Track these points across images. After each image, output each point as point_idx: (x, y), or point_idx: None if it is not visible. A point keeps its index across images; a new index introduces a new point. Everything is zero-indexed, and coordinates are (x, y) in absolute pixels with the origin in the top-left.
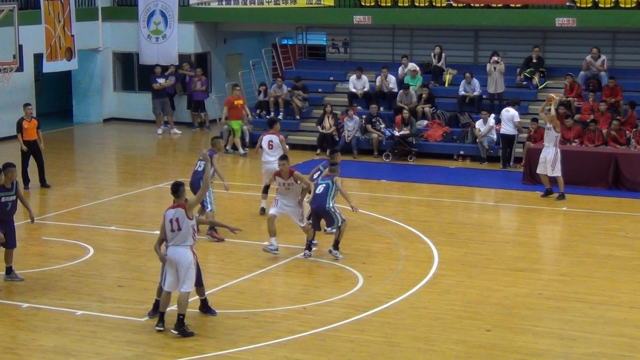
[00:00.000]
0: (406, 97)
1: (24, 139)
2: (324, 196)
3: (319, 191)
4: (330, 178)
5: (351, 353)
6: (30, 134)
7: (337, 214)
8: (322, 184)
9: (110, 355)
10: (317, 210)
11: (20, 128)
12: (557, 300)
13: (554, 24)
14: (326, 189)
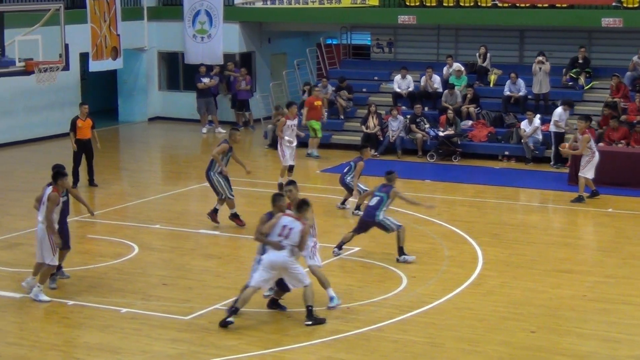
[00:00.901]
0: (451, 97)
1: (77, 138)
2: (375, 209)
3: (372, 203)
4: (387, 191)
5: (394, 353)
6: (84, 132)
7: (390, 222)
8: (377, 197)
9: (154, 353)
10: (367, 221)
11: (74, 127)
12: (602, 302)
13: (600, 24)
14: (379, 202)
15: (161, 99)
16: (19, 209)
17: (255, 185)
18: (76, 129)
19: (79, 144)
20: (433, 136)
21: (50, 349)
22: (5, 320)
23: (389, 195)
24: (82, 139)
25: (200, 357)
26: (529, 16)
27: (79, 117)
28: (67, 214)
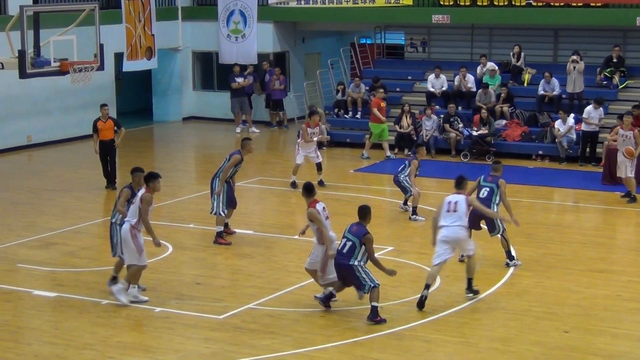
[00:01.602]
0: (485, 96)
1: (99, 139)
2: (488, 201)
3: (483, 195)
4: (495, 181)
5: (427, 353)
6: (105, 134)
7: (500, 222)
8: (487, 187)
9: (187, 352)
10: (480, 216)
11: (96, 128)
12: (637, 302)
13: (635, 23)
14: (490, 192)
15: (195, 98)
16: (54, 208)
17: (287, 185)
18: (98, 131)
19: (101, 146)
20: (467, 135)
21: (85, 348)
22: (41, 319)
23: (498, 185)
24: (103, 140)
25: (233, 357)
26: (563, 15)
27: (100, 119)
28: None
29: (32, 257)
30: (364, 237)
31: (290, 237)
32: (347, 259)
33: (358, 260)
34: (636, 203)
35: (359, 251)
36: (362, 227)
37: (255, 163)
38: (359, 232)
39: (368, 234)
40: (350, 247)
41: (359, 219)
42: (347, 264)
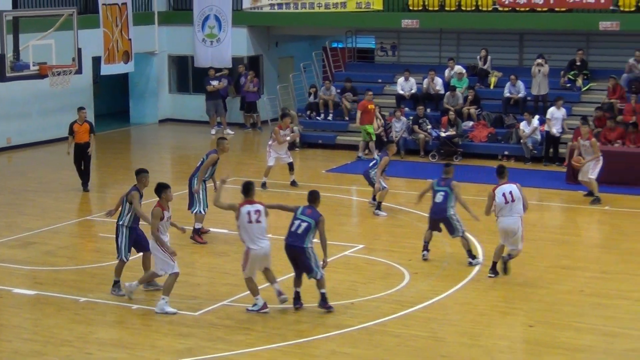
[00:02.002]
0: (453, 98)
1: (75, 142)
2: (444, 204)
3: (439, 200)
4: (448, 184)
5: (397, 347)
6: (81, 137)
7: (459, 223)
8: (441, 191)
9: (164, 347)
10: (438, 219)
11: (72, 131)
12: (599, 297)
13: (598, 28)
14: (445, 196)
15: (171, 101)
16: (33, 208)
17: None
18: (73, 133)
19: (77, 148)
20: (435, 137)
21: (63, 344)
22: (20, 317)
23: (452, 187)
24: (79, 143)
25: (208, 352)
26: (529, 20)
27: (77, 122)
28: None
29: (12, 256)
30: (319, 219)
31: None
32: (302, 241)
33: (309, 244)
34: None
35: (312, 233)
36: (316, 210)
37: (230, 164)
38: (314, 214)
39: (322, 215)
40: (306, 227)
41: (310, 202)
42: (301, 246)
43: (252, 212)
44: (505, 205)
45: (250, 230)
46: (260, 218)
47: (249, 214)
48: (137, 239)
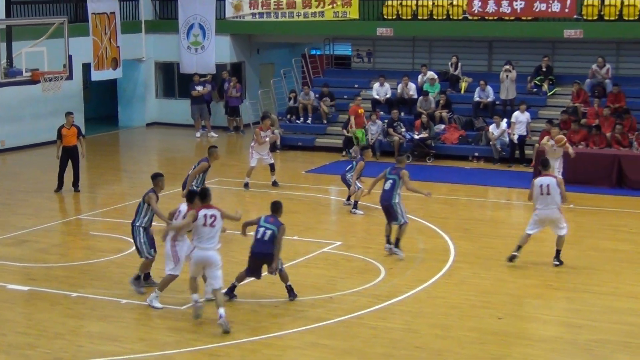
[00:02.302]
0: (425, 102)
1: (63, 145)
2: (391, 191)
3: (387, 187)
4: (398, 172)
5: (374, 339)
6: (69, 140)
7: (401, 213)
8: (390, 179)
9: (152, 340)
10: (385, 206)
11: (60, 134)
12: (565, 291)
13: (562, 35)
14: (393, 184)
15: (158, 105)
16: (26, 208)
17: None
18: (62, 137)
19: (65, 151)
20: (409, 139)
21: (56, 337)
22: (14, 312)
23: (400, 176)
24: (67, 146)
25: (194, 344)
26: (497, 28)
27: (65, 126)
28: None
29: (6, 253)
30: (281, 227)
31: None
32: (269, 247)
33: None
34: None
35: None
36: (277, 219)
37: (214, 165)
38: (276, 222)
39: (283, 225)
40: (271, 235)
41: (273, 212)
42: (270, 252)
43: (207, 216)
44: (541, 196)
45: (202, 232)
46: (215, 222)
47: (205, 217)
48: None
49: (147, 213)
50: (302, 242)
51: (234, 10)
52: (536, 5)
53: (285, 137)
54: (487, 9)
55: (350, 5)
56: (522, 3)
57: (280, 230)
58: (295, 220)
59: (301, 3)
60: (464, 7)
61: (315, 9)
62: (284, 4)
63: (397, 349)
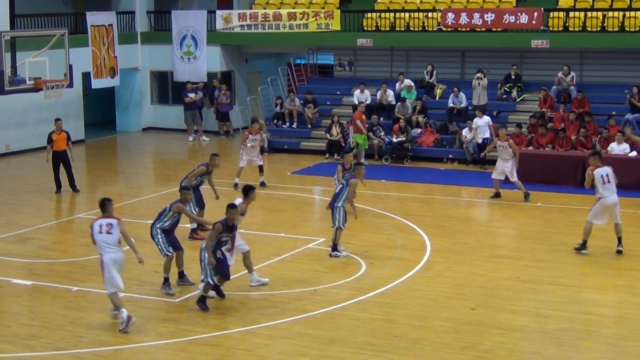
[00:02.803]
0: (403, 108)
1: (54, 150)
2: (336, 195)
3: (336, 190)
4: (347, 179)
5: (355, 329)
6: (59, 145)
7: (339, 218)
8: (341, 184)
9: (147, 331)
10: (330, 206)
11: (50, 140)
12: (533, 283)
13: (530, 45)
14: (341, 189)
15: (153, 111)
16: (30, 208)
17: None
18: (52, 142)
19: (56, 155)
20: (387, 142)
21: (58, 328)
22: (19, 305)
23: (348, 183)
24: (58, 151)
25: (187, 335)
26: (469, 39)
27: (55, 132)
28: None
29: (11, 250)
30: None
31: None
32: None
33: None
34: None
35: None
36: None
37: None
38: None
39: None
40: None
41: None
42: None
43: (103, 225)
44: (603, 185)
45: (99, 240)
46: (112, 230)
47: (100, 227)
48: (172, 241)
49: (171, 218)
50: (288, 238)
51: (224, 23)
52: (505, 18)
53: (272, 140)
54: (460, 21)
55: (332, 18)
56: (493, 15)
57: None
58: (282, 218)
59: (287, 15)
60: (439, 20)
61: (299, 21)
62: (270, 17)
63: (377, 338)
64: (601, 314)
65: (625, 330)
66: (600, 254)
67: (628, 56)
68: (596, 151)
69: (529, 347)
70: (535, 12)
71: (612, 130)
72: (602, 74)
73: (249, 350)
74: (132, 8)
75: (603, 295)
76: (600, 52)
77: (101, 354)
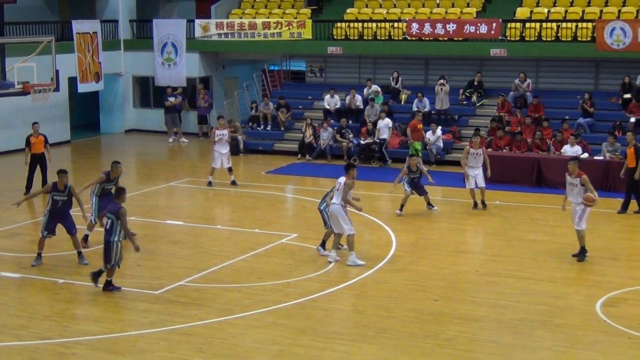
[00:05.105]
0: (372, 109)
1: (31, 152)
2: (322, 197)
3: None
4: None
5: (326, 319)
6: (37, 147)
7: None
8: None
9: (129, 321)
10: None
11: (28, 143)
12: (491, 276)
13: (489, 54)
14: (328, 192)
15: (135, 114)
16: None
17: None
18: (30, 145)
19: (33, 158)
20: (356, 144)
21: (45, 319)
22: (7, 296)
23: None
24: (35, 153)
25: (167, 325)
26: (432, 47)
27: (32, 135)
28: (69, 208)
29: (0, 245)
30: (120, 211)
31: (213, 227)
32: (109, 235)
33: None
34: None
35: (117, 227)
36: (116, 204)
37: (184, 167)
38: (114, 208)
39: (122, 208)
40: (111, 223)
41: (115, 198)
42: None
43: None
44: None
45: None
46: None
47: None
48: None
49: None
50: (262, 234)
51: (202, 31)
52: (466, 28)
53: (248, 142)
54: (424, 30)
55: (304, 27)
56: (454, 26)
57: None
58: (256, 215)
59: (261, 25)
60: (404, 29)
61: (273, 30)
62: (246, 26)
63: (346, 328)
64: (554, 304)
65: (576, 320)
66: (553, 250)
67: (580, 64)
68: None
69: (488, 336)
70: (494, 23)
71: (566, 133)
72: (556, 80)
73: (225, 339)
74: (116, 17)
75: (555, 287)
76: (554, 60)
77: (85, 343)
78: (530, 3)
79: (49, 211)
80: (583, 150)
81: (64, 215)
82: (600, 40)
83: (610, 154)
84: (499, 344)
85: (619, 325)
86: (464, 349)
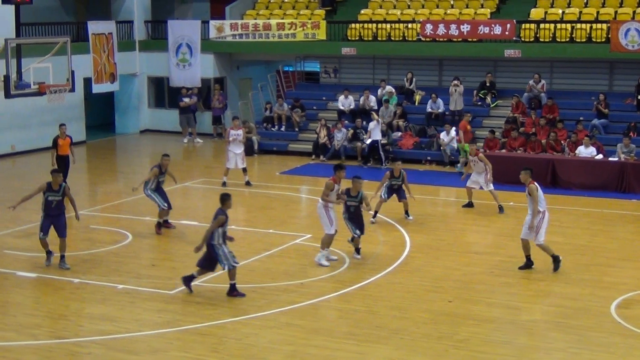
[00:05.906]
0: (386, 110)
1: (58, 154)
2: None
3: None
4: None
5: (339, 320)
6: (63, 149)
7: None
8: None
9: (144, 320)
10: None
11: (56, 144)
12: (506, 277)
13: (503, 55)
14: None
15: (150, 115)
16: (33, 204)
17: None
18: (57, 147)
19: (59, 159)
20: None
21: (60, 318)
22: (23, 296)
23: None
24: (62, 155)
25: (182, 324)
26: (446, 48)
27: (59, 137)
28: (62, 209)
29: (16, 244)
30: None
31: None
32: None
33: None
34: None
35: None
36: (219, 209)
37: (199, 167)
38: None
39: (220, 214)
40: None
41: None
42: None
43: None
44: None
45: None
46: None
47: None
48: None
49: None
50: (276, 234)
51: (216, 32)
52: (480, 29)
53: (262, 142)
54: (438, 31)
55: (318, 28)
56: (468, 26)
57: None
58: (270, 215)
59: (276, 26)
60: (418, 30)
61: (288, 31)
62: (260, 27)
63: (359, 328)
64: (569, 306)
65: (591, 322)
66: (568, 251)
67: (595, 65)
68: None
69: (502, 337)
70: (508, 24)
71: (580, 134)
72: (571, 82)
73: (240, 339)
74: (131, 17)
75: (570, 288)
76: (568, 61)
77: (100, 342)
78: (545, 4)
79: (44, 211)
80: (598, 151)
81: (57, 216)
82: (615, 41)
83: (625, 155)
84: (513, 345)
85: (634, 327)
86: (478, 350)
